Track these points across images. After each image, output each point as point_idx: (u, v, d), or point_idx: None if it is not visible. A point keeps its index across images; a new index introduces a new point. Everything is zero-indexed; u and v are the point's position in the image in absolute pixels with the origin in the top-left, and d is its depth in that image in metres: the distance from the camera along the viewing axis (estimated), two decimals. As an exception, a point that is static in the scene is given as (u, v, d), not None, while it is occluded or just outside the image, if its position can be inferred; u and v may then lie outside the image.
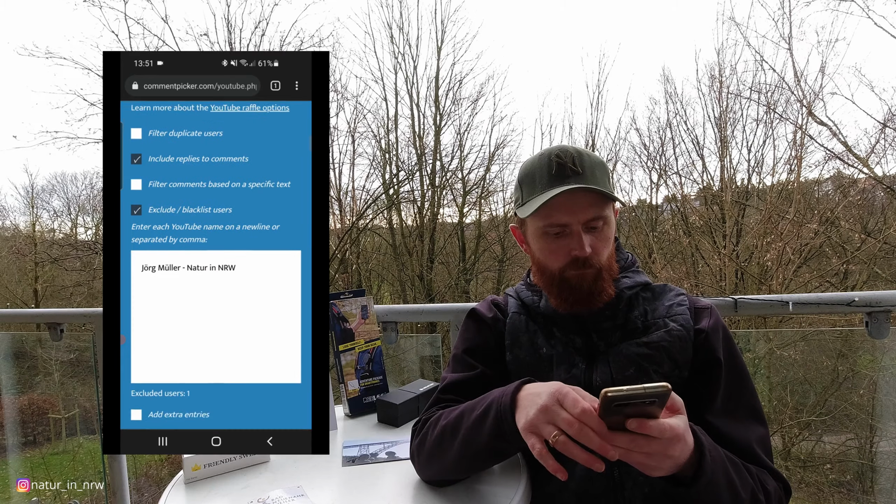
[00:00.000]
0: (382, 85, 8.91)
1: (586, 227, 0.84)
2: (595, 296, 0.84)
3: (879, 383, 3.32)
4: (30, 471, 3.76)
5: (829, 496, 3.63)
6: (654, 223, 8.18)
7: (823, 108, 6.03)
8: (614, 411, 0.57)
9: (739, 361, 0.84)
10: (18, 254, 9.43)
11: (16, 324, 3.56)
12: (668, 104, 7.97)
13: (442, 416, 0.81)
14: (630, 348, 0.83)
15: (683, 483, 0.65)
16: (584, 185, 0.81)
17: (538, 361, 0.87)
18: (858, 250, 5.68)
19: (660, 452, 0.59)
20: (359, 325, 1.22)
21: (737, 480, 0.69)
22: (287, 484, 0.84)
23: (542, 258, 0.88)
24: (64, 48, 9.91)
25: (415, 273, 8.49)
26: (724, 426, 0.79)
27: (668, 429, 0.57)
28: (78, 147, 8.50)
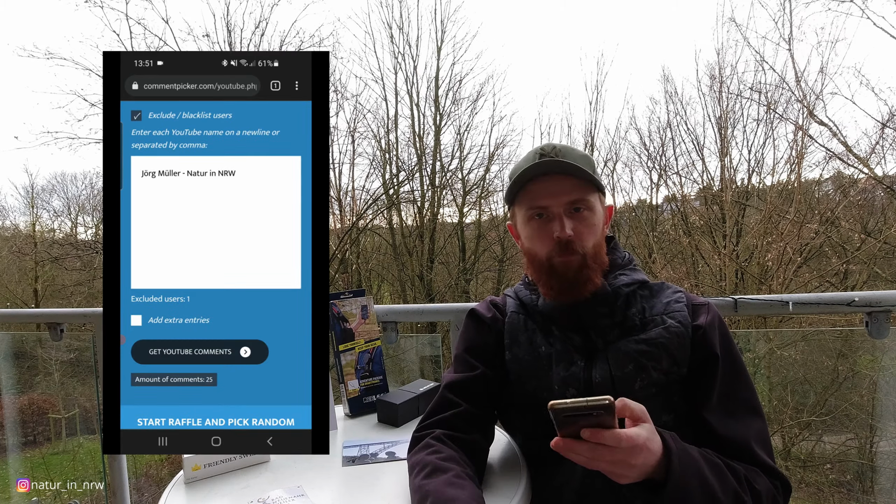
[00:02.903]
0: (382, 85, 8.92)
1: (568, 211, 0.85)
2: (581, 285, 0.85)
3: (879, 383, 3.32)
4: (30, 471, 3.76)
5: (829, 496, 3.63)
6: (654, 223, 8.19)
7: (823, 109, 6.03)
8: (566, 422, 0.59)
9: (736, 356, 0.84)
10: (18, 253, 9.44)
11: (16, 324, 3.56)
12: (668, 104, 7.99)
13: (424, 467, 0.76)
14: (628, 345, 0.83)
15: (654, 488, 0.66)
16: (559, 160, 0.84)
17: (537, 360, 0.87)
18: (858, 250, 5.68)
19: (622, 461, 0.61)
20: (359, 325, 1.22)
21: (715, 484, 0.68)
22: (287, 484, 0.84)
23: (530, 246, 0.90)
24: (64, 49, 9.90)
25: (415, 273, 8.49)
26: (722, 423, 0.79)
27: (624, 438, 0.60)
28: (79, 147, 8.50)
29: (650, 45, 14.42)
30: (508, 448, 0.92)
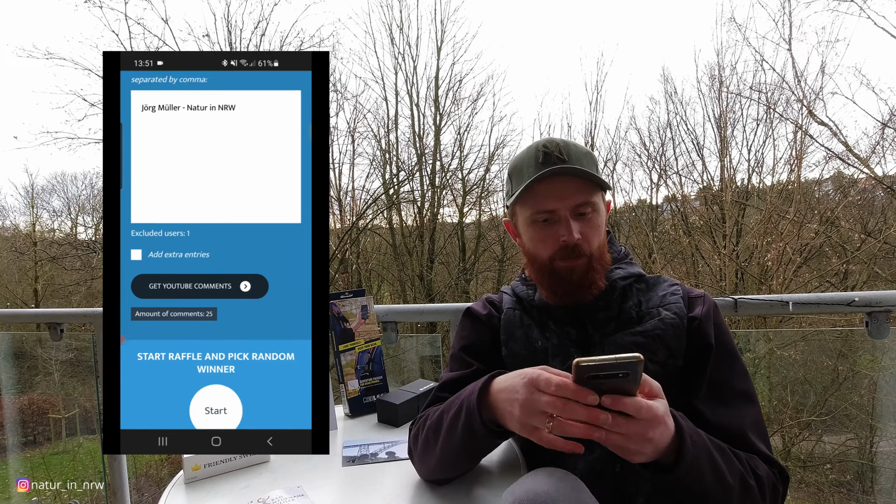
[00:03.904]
0: (382, 85, 8.92)
1: (574, 214, 0.84)
2: (585, 287, 0.85)
3: (879, 383, 3.32)
4: (30, 471, 3.76)
5: (829, 496, 3.63)
6: (654, 223, 8.19)
7: (823, 108, 6.03)
8: (588, 384, 0.56)
9: (730, 345, 0.84)
10: (18, 253, 9.44)
11: (16, 324, 3.56)
12: (668, 104, 7.99)
13: (429, 415, 0.82)
14: (625, 338, 0.83)
15: (665, 469, 0.65)
16: (569, 167, 0.82)
17: (533, 354, 0.87)
18: (858, 250, 5.68)
19: (638, 434, 0.58)
20: (359, 325, 1.22)
21: (723, 465, 0.68)
22: (287, 484, 0.84)
23: (532, 248, 0.88)
24: (64, 49, 9.90)
25: (415, 273, 8.49)
26: (717, 412, 0.78)
27: (645, 407, 0.57)
28: (78, 147, 8.50)
29: (650, 45, 14.41)
30: (507, 447, 0.92)
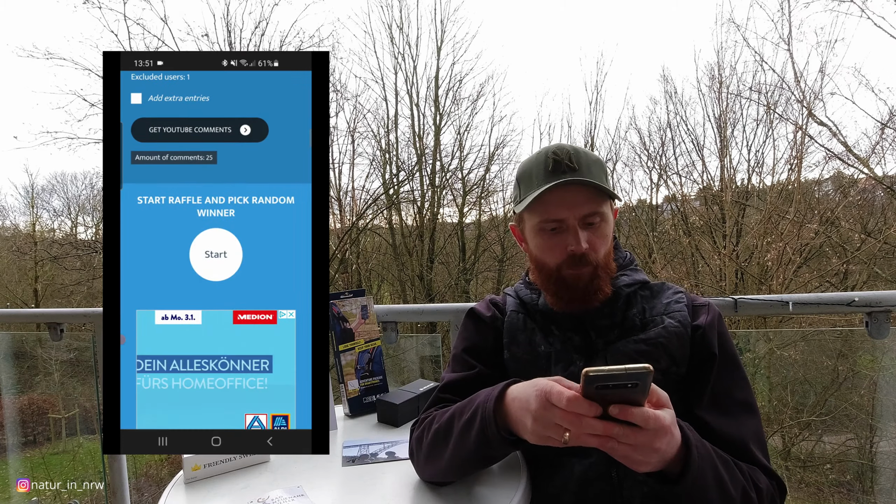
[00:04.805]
0: (382, 85, 8.92)
1: (583, 223, 0.84)
2: (591, 295, 0.84)
3: (879, 383, 3.32)
4: (30, 471, 3.76)
5: (829, 496, 3.63)
6: (654, 223, 8.19)
7: (823, 109, 6.04)
8: (596, 394, 0.56)
9: (733, 355, 0.84)
10: (18, 252, 9.43)
11: (16, 324, 3.56)
12: (668, 104, 7.99)
13: (435, 417, 0.81)
14: (628, 345, 0.83)
15: (671, 480, 0.65)
16: (580, 178, 0.82)
17: (536, 359, 0.87)
18: (858, 250, 5.68)
19: (645, 444, 0.58)
20: (359, 325, 1.22)
21: (726, 478, 0.68)
22: (287, 484, 0.84)
23: (540, 255, 0.88)
24: (64, 49, 9.91)
25: (415, 273, 8.49)
26: (718, 422, 0.78)
27: (652, 418, 0.57)
28: (78, 147, 8.51)
29: (650, 45, 14.43)
30: (508, 448, 0.92)
